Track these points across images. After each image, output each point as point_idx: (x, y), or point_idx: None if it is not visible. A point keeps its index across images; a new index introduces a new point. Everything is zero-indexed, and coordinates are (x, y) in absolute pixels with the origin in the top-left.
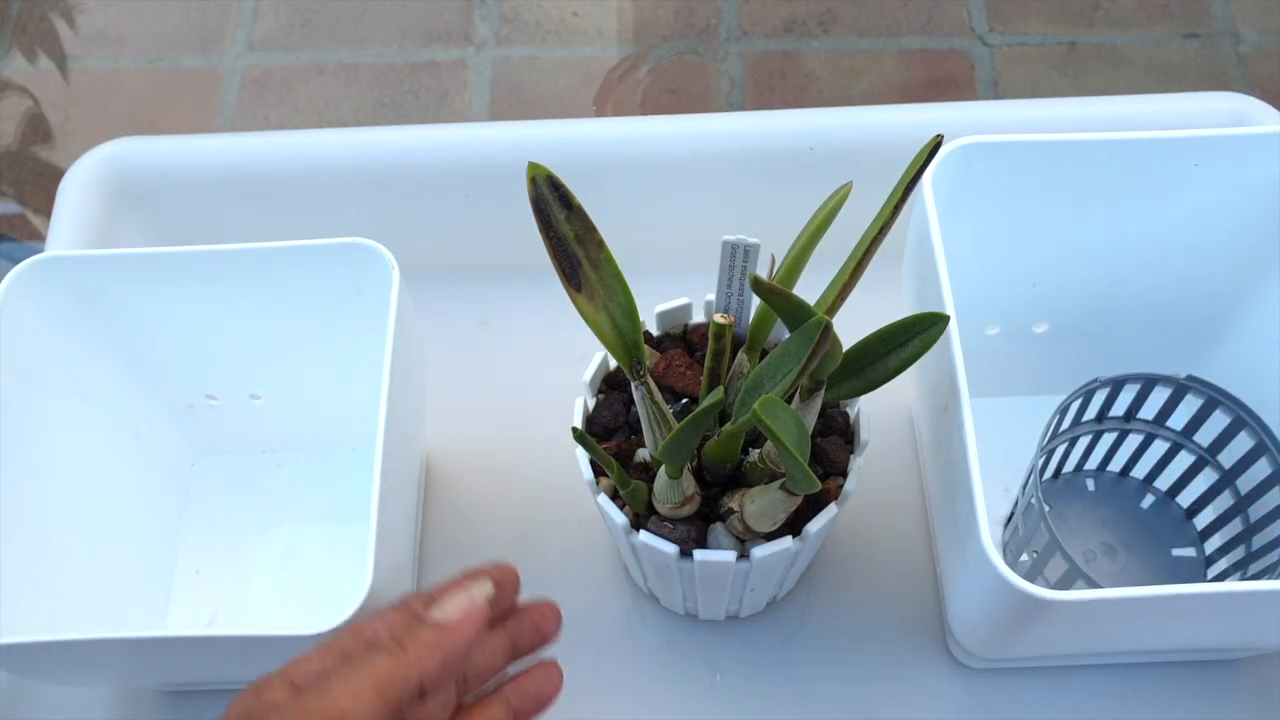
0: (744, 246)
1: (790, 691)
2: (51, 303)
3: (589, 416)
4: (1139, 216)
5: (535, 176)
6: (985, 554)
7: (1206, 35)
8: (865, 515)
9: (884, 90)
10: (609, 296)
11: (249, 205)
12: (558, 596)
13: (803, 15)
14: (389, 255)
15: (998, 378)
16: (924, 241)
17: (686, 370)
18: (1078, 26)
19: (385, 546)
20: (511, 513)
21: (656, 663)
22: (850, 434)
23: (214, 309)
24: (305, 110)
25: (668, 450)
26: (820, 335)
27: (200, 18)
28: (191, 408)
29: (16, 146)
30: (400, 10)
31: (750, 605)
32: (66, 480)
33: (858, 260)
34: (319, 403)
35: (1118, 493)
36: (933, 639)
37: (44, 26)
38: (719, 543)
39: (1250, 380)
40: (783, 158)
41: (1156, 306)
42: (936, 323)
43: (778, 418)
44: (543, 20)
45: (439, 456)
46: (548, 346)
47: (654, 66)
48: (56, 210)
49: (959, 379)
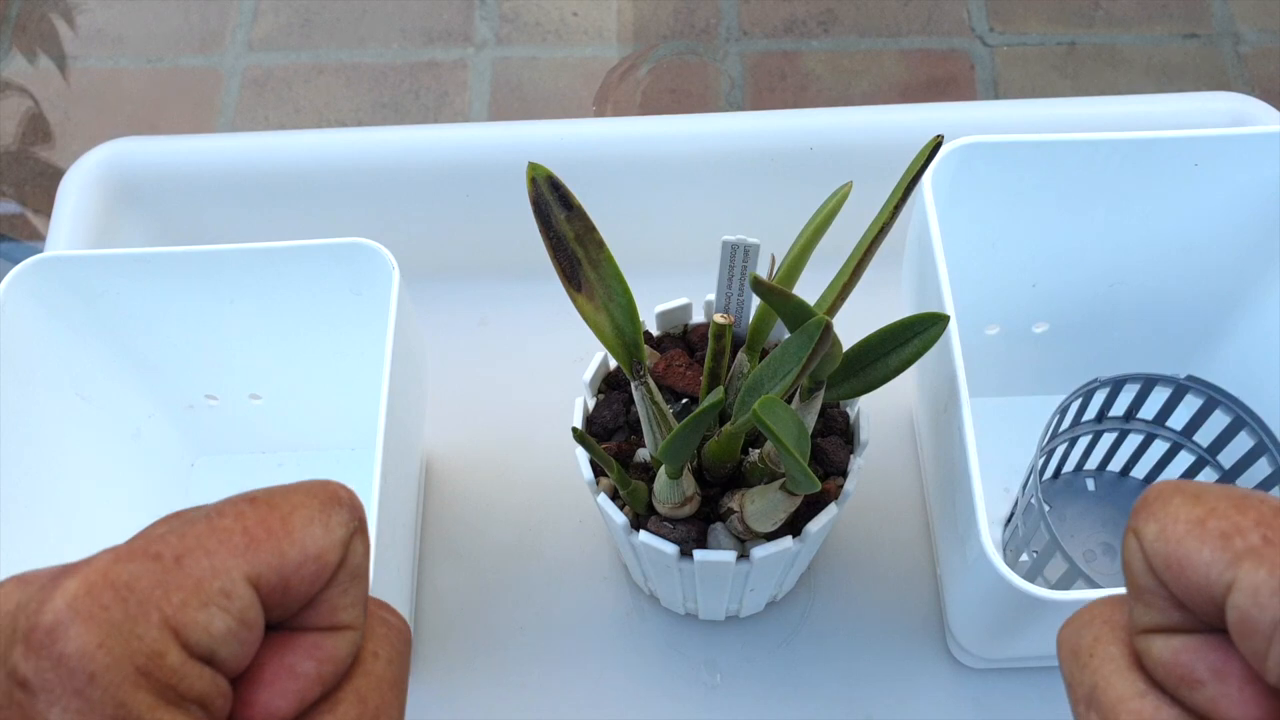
0: (744, 246)
1: (790, 691)
2: (51, 303)
3: (589, 416)
4: (1139, 216)
5: (535, 176)
6: (985, 554)
7: (1206, 35)
8: (865, 515)
9: (884, 90)
10: (609, 296)
11: (249, 205)
12: (558, 596)
13: (803, 15)
14: (389, 255)
15: (998, 378)
16: (924, 241)
17: (686, 370)
18: (1078, 26)
19: (385, 546)
20: (511, 513)
21: (656, 663)
22: (850, 434)
23: (214, 309)
24: (305, 110)
25: (668, 450)
26: (820, 335)
27: (200, 18)
28: (191, 407)
29: (16, 146)
30: (400, 10)
31: (750, 605)
32: (66, 480)
33: (858, 260)
34: (319, 403)
35: (1118, 493)
36: (933, 639)
37: (44, 26)
38: (719, 543)
39: (1250, 380)
40: (783, 158)
41: (1156, 306)
42: (936, 323)
43: (778, 418)
44: (543, 20)
45: (439, 456)
46: (548, 346)
47: (654, 66)
48: (56, 210)
49: (959, 379)
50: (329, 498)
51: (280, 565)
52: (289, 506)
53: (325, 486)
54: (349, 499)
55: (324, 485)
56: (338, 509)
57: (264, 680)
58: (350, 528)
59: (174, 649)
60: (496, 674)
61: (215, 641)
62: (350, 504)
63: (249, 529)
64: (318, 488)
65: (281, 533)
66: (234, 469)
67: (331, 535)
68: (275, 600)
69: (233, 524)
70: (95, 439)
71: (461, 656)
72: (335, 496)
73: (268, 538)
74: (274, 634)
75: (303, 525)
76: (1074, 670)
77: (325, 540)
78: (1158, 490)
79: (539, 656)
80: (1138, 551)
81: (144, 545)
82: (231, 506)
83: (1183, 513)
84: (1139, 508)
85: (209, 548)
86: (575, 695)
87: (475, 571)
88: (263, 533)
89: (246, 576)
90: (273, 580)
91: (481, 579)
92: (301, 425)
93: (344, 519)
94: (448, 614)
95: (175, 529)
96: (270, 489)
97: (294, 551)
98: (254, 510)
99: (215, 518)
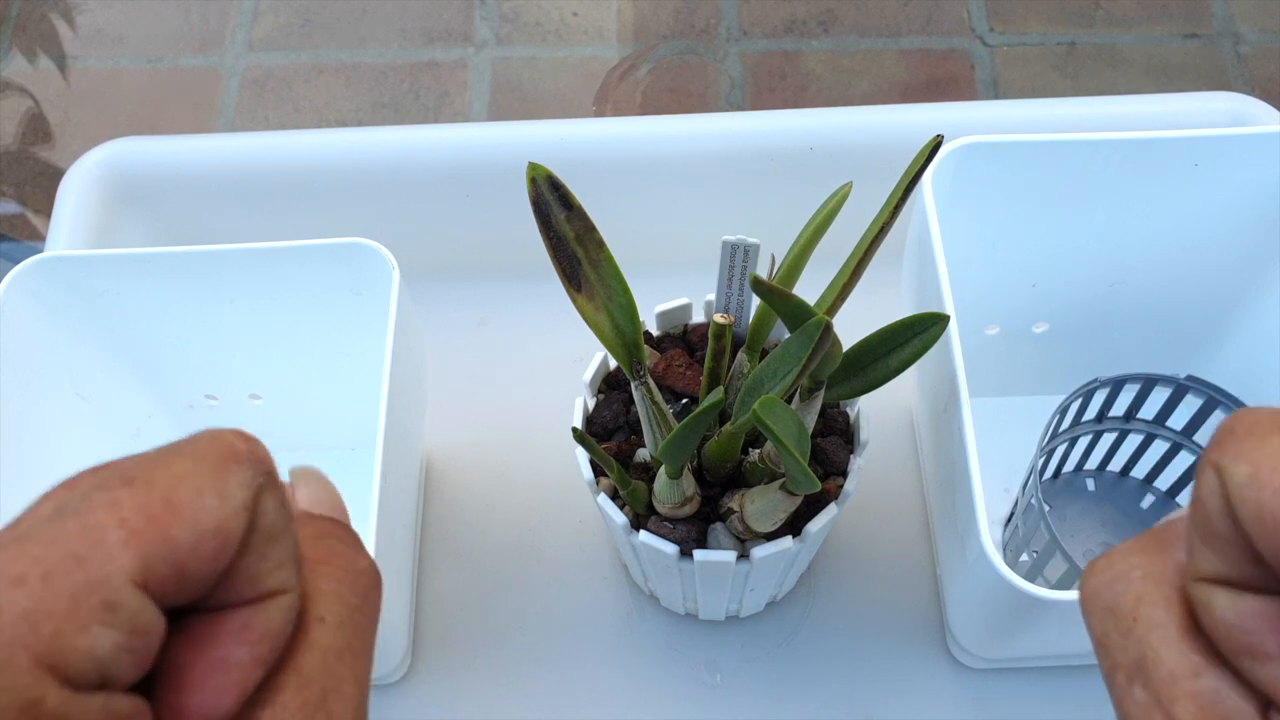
0: (744, 246)
1: (790, 691)
2: (51, 303)
3: (589, 416)
4: (1139, 216)
5: (535, 176)
6: (985, 554)
7: (1206, 35)
8: (865, 515)
9: (884, 90)
10: (609, 296)
11: (249, 205)
12: (558, 596)
13: (803, 15)
14: (389, 255)
15: (998, 378)
16: (924, 241)
17: (686, 370)
18: (1078, 26)
19: (385, 546)
20: (511, 513)
21: (656, 663)
22: (850, 434)
23: (214, 309)
24: (305, 110)
25: (668, 450)
26: (820, 335)
27: (200, 18)
28: (191, 408)
29: (16, 146)
30: (400, 10)
31: (750, 605)
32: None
33: (858, 260)
34: (319, 403)
35: (1118, 493)
36: (933, 639)
37: (44, 26)
38: (719, 543)
39: (1250, 380)
40: (783, 158)
41: (1156, 306)
42: (936, 323)
43: (778, 418)
44: (543, 20)
45: (439, 456)
46: (548, 346)
47: (654, 66)
48: (56, 210)
49: (959, 379)
50: (221, 457)
51: (170, 554)
52: (171, 480)
53: (215, 442)
54: (248, 451)
55: (213, 440)
56: (234, 468)
57: (194, 682)
58: (253, 487)
59: (53, 690)
60: (496, 674)
61: (104, 663)
62: (251, 457)
63: (126, 520)
64: (206, 447)
65: (166, 516)
66: None
67: (230, 503)
68: (172, 590)
69: (106, 518)
70: (95, 439)
71: (461, 656)
72: (229, 452)
73: (149, 526)
74: (194, 620)
75: (191, 500)
76: (1112, 634)
77: (222, 510)
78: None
79: (539, 656)
80: (1218, 492)
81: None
82: (102, 494)
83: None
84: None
85: (80, 554)
86: (575, 695)
87: (475, 571)
88: (142, 521)
89: (131, 579)
90: (164, 572)
91: (481, 579)
92: (301, 425)
93: (244, 479)
94: (448, 614)
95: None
96: (148, 457)
97: (185, 533)
98: (130, 495)
99: (85, 512)
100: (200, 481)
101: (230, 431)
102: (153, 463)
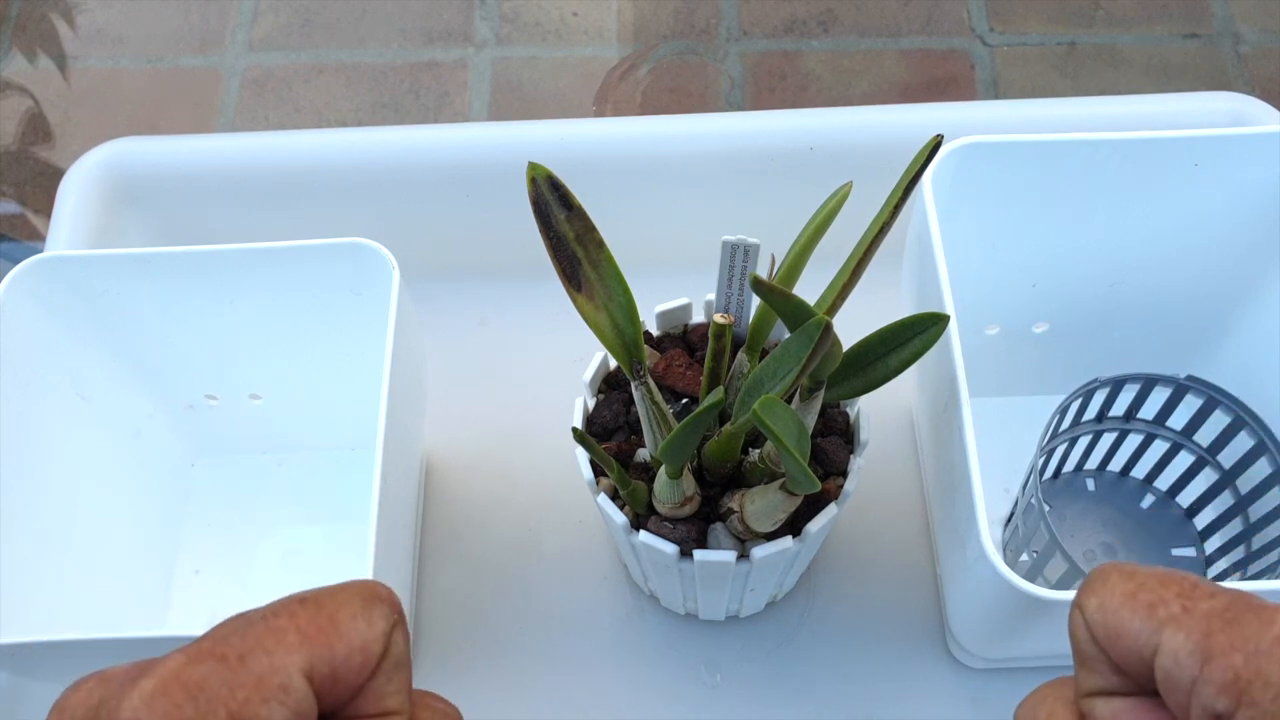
0: (744, 246)
1: (790, 691)
2: (51, 303)
3: (589, 416)
4: (1139, 216)
5: (535, 176)
6: (985, 554)
7: (1206, 35)
8: (865, 515)
9: (884, 90)
10: (609, 296)
11: (249, 205)
12: (558, 596)
13: (803, 15)
14: (389, 255)
15: (998, 378)
16: (924, 241)
17: (686, 370)
18: (1078, 26)
19: (385, 546)
20: (511, 513)
21: (656, 663)
22: (850, 434)
23: (214, 309)
24: (305, 110)
25: (668, 450)
26: (820, 335)
27: (200, 18)
28: (191, 408)
29: (16, 146)
30: (400, 10)
31: (750, 605)
32: (66, 480)
33: (858, 260)
34: (319, 403)
35: (1118, 493)
36: (933, 639)
37: (44, 26)
38: (719, 543)
39: (1250, 380)
40: (783, 158)
41: (1156, 306)
42: (936, 323)
43: (778, 418)
44: (542, 20)
45: (439, 456)
46: (548, 346)
47: (654, 66)
48: (56, 210)
49: (959, 379)
50: (370, 595)
51: (330, 658)
52: (335, 604)
53: (366, 585)
54: (388, 595)
55: (364, 584)
56: (378, 605)
57: None
58: (390, 621)
59: None
60: (496, 674)
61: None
62: (389, 600)
63: (301, 627)
64: (359, 586)
65: (330, 629)
66: (234, 469)
67: (374, 629)
68: (327, 690)
69: (287, 623)
70: (95, 439)
71: (462, 656)
72: (375, 594)
73: (318, 634)
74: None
75: (348, 621)
76: None
77: (369, 633)
78: (1098, 570)
79: (539, 656)
80: (1081, 623)
81: (210, 646)
82: (285, 607)
83: (1118, 588)
84: (1082, 586)
85: (268, 647)
86: (575, 695)
87: (475, 571)
88: (314, 630)
89: (301, 671)
90: (324, 672)
91: (482, 579)
92: (301, 425)
93: (384, 613)
94: (448, 614)
95: (237, 629)
96: (318, 590)
97: (342, 645)
98: (305, 610)
99: (271, 619)
100: (355, 609)
101: (375, 581)
102: (320, 592)
